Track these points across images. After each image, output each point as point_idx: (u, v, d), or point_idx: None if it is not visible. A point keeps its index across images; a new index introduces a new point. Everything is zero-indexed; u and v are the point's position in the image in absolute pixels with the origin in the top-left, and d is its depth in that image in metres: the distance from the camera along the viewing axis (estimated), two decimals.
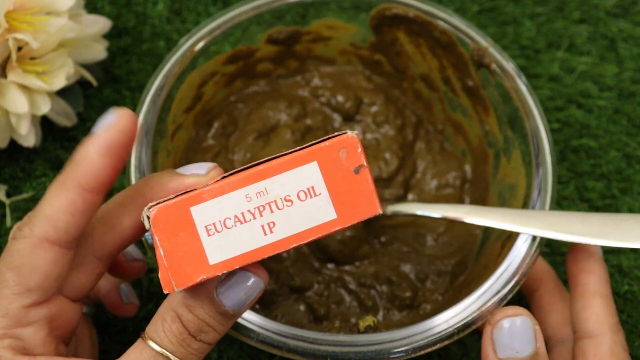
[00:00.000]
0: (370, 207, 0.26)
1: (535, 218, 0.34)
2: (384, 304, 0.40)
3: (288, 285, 0.40)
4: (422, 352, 0.32)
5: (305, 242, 0.25)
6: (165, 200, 0.25)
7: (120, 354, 0.28)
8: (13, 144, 0.44)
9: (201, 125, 0.44)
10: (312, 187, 0.26)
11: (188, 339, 0.27)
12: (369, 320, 0.36)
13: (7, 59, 0.40)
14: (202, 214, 0.25)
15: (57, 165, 0.45)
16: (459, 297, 0.35)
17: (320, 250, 0.41)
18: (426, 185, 0.44)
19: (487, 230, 0.41)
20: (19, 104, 0.39)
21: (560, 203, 0.45)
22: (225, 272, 0.25)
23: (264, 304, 0.39)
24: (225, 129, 0.44)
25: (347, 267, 0.41)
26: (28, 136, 0.42)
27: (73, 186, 0.27)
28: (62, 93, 0.44)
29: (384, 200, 0.43)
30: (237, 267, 0.25)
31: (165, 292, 0.25)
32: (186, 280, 0.25)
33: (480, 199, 0.42)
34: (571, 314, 0.34)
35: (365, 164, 0.26)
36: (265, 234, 0.25)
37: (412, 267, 0.41)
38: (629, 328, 0.42)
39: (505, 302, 0.33)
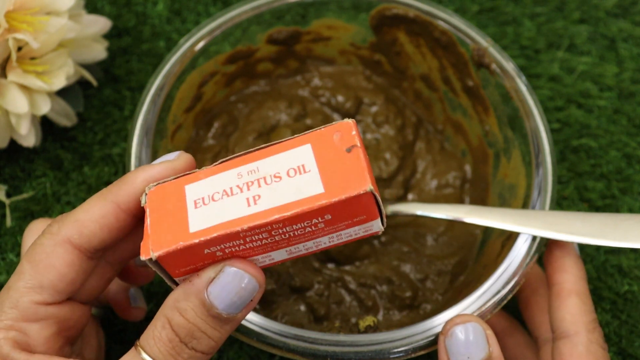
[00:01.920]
0: (359, 182, 0.24)
1: (535, 218, 0.34)
2: (384, 304, 0.40)
3: (288, 285, 0.40)
4: (422, 352, 0.32)
5: (289, 214, 0.24)
6: (164, 181, 0.26)
7: (120, 354, 0.28)
8: (13, 144, 0.44)
9: (201, 125, 0.44)
10: (303, 165, 0.25)
11: (178, 347, 0.26)
12: (369, 320, 0.36)
13: (7, 59, 0.40)
14: (195, 190, 0.26)
15: (57, 165, 0.45)
16: (459, 297, 0.35)
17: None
18: (426, 185, 0.44)
19: (487, 230, 0.41)
20: (19, 104, 0.39)
21: (560, 203, 0.45)
22: (202, 239, 0.24)
23: (264, 304, 0.39)
24: (225, 129, 0.44)
25: (347, 267, 0.41)
26: (28, 136, 0.42)
27: (110, 201, 0.27)
28: (62, 93, 0.44)
29: (384, 200, 0.43)
30: (214, 234, 0.24)
31: (142, 258, 0.25)
32: (163, 245, 0.25)
33: (480, 199, 0.42)
34: (549, 314, 0.34)
35: (358, 144, 0.25)
36: (249, 206, 0.25)
37: (412, 267, 0.41)
38: (629, 328, 0.42)
39: (505, 302, 0.33)
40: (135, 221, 0.28)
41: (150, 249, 0.25)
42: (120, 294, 0.36)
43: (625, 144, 0.47)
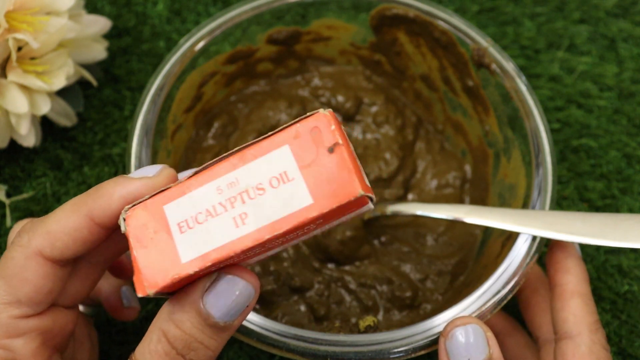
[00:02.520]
0: (349, 187, 0.22)
1: (535, 218, 0.34)
2: (384, 304, 0.40)
3: (288, 286, 0.40)
4: (422, 352, 0.32)
5: (282, 232, 0.23)
6: (140, 202, 0.24)
7: (120, 354, 0.28)
8: (13, 144, 0.44)
9: (201, 125, 0.44)
10: (285, 172, 0.23)
11: (176, 359, 0.25)
12: (369, 320, 0.36)
13: (7, 59, 0.40)
14: (175, 211, 0.24)
15: (57, 165, 0.45)
16: (459, 297, 0.35)
17: (320, 251, 0.41)
18: (426, 185, 0.44)
19: (487, 230, 0.41)
20: (19, 104, 0.39)
21: (560, 203, 0.45)
22: (197, 269, 0.23)
23: (264, 304, 0.39)
24: (225, 128, 0.44)
25: (347, 267, 0.41)
26: (28, 136, 0.42)
27: (84, 214, 0.26)
28: (62, 93, 0.44)
29: (384, 200, 0.43)
30: (209, 264, 0.23)
31: (139, 295, 0.24)
32: (158, 282, 0.23)
33: (480, 199, 0.42)
34: (551, 315, 0.34)
35: (340, 141, 0.23)
36: (237, 226, 0.23)
37: (412, 267, 0.41)
38: (629, 328, 0.42)
39: (505, 302, 0.33)
40: (109, 232, 0.27)
41: (146, 287, 0.24)
42: (112, 294, 0.36)
43: (625, 144, 0.47)
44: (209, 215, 0.24)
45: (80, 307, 0.37)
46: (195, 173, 0.24)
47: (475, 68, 0.40)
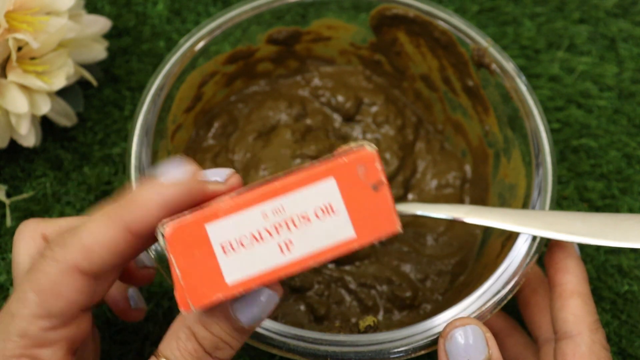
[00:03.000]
0: (389, 225, 0.25)
1: (535, 218, 0.34)
2: (384, 304, 0.40)
3: (288, 285, 0.40)
4: (422, 352, 0.32)
5: (324, 261, 0.25)
6: (179, 217, 0.25)
7: (120, 354, 0.28)
8: (13, 144, 0.44)
9: (201, 125, 0.44)
10: (330, 205, 0.25)
11: (203, 357, 0.27)
12: (369, 320, 0.36)
13: (7, 59, 0.40)
14: (218, 231, 0.25)
15: (57, 165, 0.45)
16: (459, 297, 0.35)
17: None
18: (426, 185, 0.44)
19: (487, 230, 0.41)
20: (19, 104, 0.39)
21: (560, 203, 0.45)
22: (242, 291, 0.25)
23: None
24: (225, 128, 0.44)
25: (347, 267, 0.41)
26: (28, 136, 0.42)
27: (120, 225, 0.26)
28: (62, 93, 0.44)
29: None
30: (253, 286, 0.25)
31: (182, 311, 0.25)
32: (203, 300, 0.24)
33: (480, 199, 0.42)
34: (551, 315, 0.34)
35: (384, 180, 0.25)
36: (283, 253, 0.25)
37: (412, 267, 0.41)
38: (629, 328, 0.42)
39: (505, 302, 0.33)
40: (147, 241, 0.27)
41: (190, 304, 0.24)
42: (119, 295, 0.36)
43: (625, 144, 0.47)
44: (254, 239, 0.25)
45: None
46: (238, 195, 0.25)
47: (475, 68, 0.40)
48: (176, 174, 0.26)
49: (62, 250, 0.26)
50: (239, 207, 0.25)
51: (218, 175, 0.27)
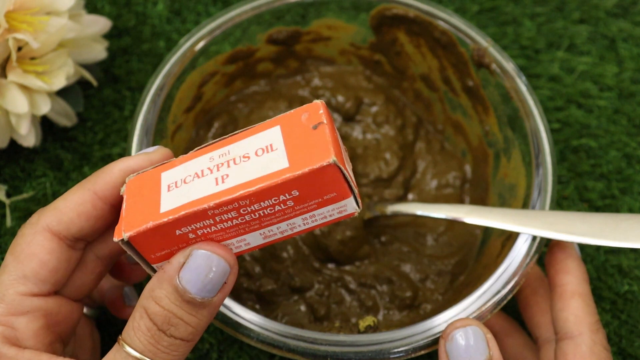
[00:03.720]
0: (323, 154, 0.24)
1: (535, 218, 0.34)
2: (384, 304, 0.40)
3: (288, 286, 0.40)
4: (422, 352, 0.32)
5: (253, 188, 0.24)
6: (141, 172, 0.27)
7: None
8: (13, 144, 0.44)
9: (201, 125, 0.44)
10: (270, 145, 0.25)
11: (157, 335, 0.26)
12: (369, 320, 0.36)
13: (7, 59, 0.40)
14: (169, 176, 0.27)
15: (57, 165, 0.45)
16: (459, 297, 0.35)
17: (320, 251, 0.41)
18: (426, 185, 0.44)
19: (487, 230, 0.41)
20: (19, 104, 0.39)
21: (560, 203, 0.45)
22: (170, 217, 0.25)
23: (264, 304, 0.39)
24: (225, 128, 0.44)
25: (347, 267, 0.41)
26: (28, 136, 0.42)
27: (88, 189, 0.28)
28: (62, 93, 0.44)
29: (384, 200, 0.43)
30: (182, 212, 0.25)
31: (115, 239, 0.25)
32: (134, 226, 0.25)
33: (480, 199, 0.42)
34: (551, 315, 0.34)
35: (324, 121, 0.25)
36: (217, 185, 0.25)
37: (412, 267, 0.41)
38: (629, 328, 0.42)
39: (505, 302, 0.33)
40: (114, 211, 0.28)
41: (122, 230, 0.25)
42: (114, 293, 0.36)
43: (625, 144, 0.47)
44: (196, 176, 0.26)
45: (84, 309, 0.38)
46: (196, 150, 0.27)
47: (475, 68, 0.40)
48: (144, 150, 0.29)
49: (37, 215, 0.28)
50: (193, 156, 0.27)
51: (149, 149, 0.29)
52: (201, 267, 0.26)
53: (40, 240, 0.28)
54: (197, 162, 0.26)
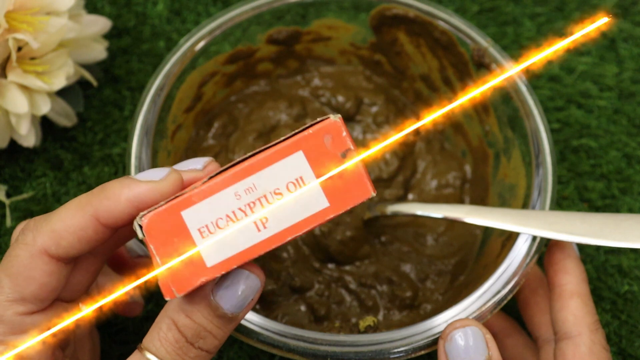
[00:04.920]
0: (362, 190, 0.25)
1: (535, 218, 0.34)
2: (384, 304, 0.40)
3: (288, 286, 0.40)
4: (422, 352, 0.32)
5: (301, 233, 0.25)
6: (155, 208, 0.25)
7: (120, 354, 0.28)
8: (13, 144, 0.44)
9: (201, 125, 0.44)
10: (301, 177, 0.25)
11: (185, 347, 0.26)
12: (369, 320, 0.36)
13: (7, 59, 0.40)
14: (194, 217, 0.25)
15: (57, 165, 0.45)
16: (459, 297, 0.35)
17: (320, 251, 0.41)
18: (426, 185, 0.44)
19: (487, 230, 0.41)
20: (19, 104, 0.39)
21: (560, 203, 0.45)
22: (223, 272, 0.25)
23: (264, 304, 0.39)
24: (225, 129, 0.44)
25: (347, 267, 0.41)
26: (28, 136, 0.42)
27: (90, 214, 0.26)
28: (62, 93, 0.44)
29: (384, 200, 0.43)
30: (234, 266, 0.25)
31: (167, 299, 0.25)
32: (186, 285, 0.25)
33: (480, 199, 0.42)
34: (551, 316, 0.34)
35: (351, 147, 0.25)
36: (259, 230, 0.25)
37: (412, 267, 0.41)
38: (629, 328, 0.42)
39: (505, 302, 0.33)
40: (114, 232, 0.27)
41: (174, 291, 0.25)
42: (114, 289, 0.36)
43: (625, 144, 0.47)
44: (230, 220, 0.25)
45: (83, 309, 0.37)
46: (210, 179, 0.25)
47: (475, 68, 0.40)
48: (151, 176, 0.27)
49: (32, 235, 0.27)
50: (212, 191, 0.25)
51: (197, 164, 0.28)
52: (235, 284, 0.26)
53: (38, 265, 0.27)
54: (221, 200, 0.25)
